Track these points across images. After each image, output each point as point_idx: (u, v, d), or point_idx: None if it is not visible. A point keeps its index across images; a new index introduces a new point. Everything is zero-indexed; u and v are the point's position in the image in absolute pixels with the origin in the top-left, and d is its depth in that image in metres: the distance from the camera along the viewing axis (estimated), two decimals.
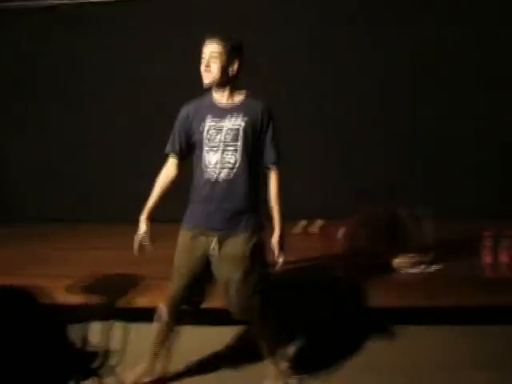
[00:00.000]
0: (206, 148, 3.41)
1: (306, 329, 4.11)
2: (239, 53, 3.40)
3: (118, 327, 3.06)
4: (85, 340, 2.75)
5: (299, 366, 3.79)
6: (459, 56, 5.88)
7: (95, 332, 2.77)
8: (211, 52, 3.35)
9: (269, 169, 3.50)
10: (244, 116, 3.40)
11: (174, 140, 3.58)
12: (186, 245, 3.52)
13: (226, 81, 3.38)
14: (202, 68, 3.38)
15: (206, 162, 3.42)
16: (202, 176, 3.44)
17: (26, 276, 4.27)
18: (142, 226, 3.63)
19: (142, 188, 6.24)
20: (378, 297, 4.00)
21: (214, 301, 3.69)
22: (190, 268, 3.51)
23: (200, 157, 3.45)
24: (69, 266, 4.68)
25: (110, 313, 2.98)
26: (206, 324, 4.06)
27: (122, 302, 3.06)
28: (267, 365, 3.73)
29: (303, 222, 5.51)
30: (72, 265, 4.72)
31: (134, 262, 4.66)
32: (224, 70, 3.35)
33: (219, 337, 4.09)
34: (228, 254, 3.43)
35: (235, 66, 3.38)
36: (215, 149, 3.39)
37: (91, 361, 2.86)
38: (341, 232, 5.14)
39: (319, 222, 5.49)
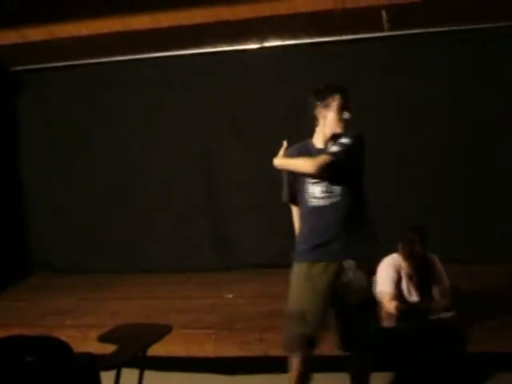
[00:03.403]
0: None
1: None
2: None
3: (147, 375, 3.25)
4: None
5: None
6: None
7: (124, 379, 2.95)
8: None
9: None
10: None
11: None
12: None
13: None
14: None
15: None
16: None
17: (55, 327, 4.41)
18: None
19: (164, 239, 6.53)
20: None
21: None
22: None
23: None
24: (97, 316, 4.81)
25: (135, 360, 3.13)
26: None
27: (147, 350, 3.16)
28: None
29: None
30: (100, 315, 4.85)
31: (161, 311, 4.85)
32: None
33: None
34: None
35: None
36: None
37: None
38: None
39: None
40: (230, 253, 6.47)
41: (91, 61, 6.40)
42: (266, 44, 6.26)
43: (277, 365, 3.87)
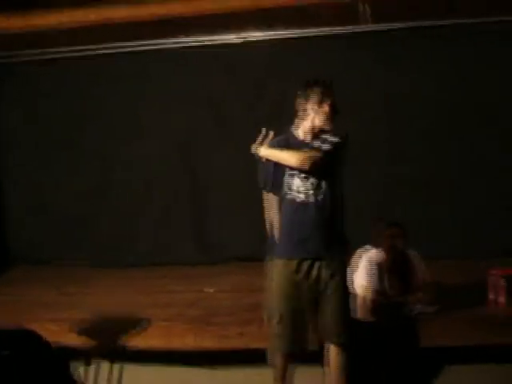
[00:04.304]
0: None
1: None
2: None
3: (127, 368, 3.24)
4: (94, 380, 2.90)
5: None
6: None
7: (101, 372, 2.94)
8: None
9: None
10: None
11: None
12: None
13: None
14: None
15: None
16: None
17: (34, 320, 4.35)
18: None
19: (146, 234, 6.52)
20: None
21: None
22: None
23: None
24: (76, 310, 4.74)
25: (114, 354, 3.12)
26: None
27: (127, 344, 3.15)
28: None
29: None
30: (80, 309, 4.79)
31: (142, 305, 4.83)
32: None
33: None
34: None
35: None
36: None
37: None
38: None
39: None
40: (211, 247, 6.48)
41: (72, 54, 6.36)
42: (249, 38, 6.24)
43: (257, 358, 3.88)
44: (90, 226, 6.66)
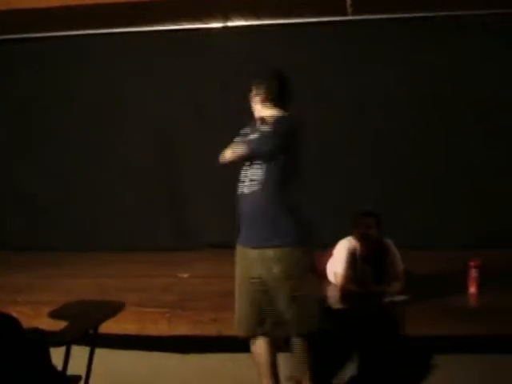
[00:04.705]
0: None
1: None
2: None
3: (99, 353, 3.22)
4: (65, 364, 2.87)
5: None
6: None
7: (75, 356, 2.92)
8: None
9: None
10: None
11: None
12: None
13: None
14: None
15: None
16: None
17: (7, 303, 4.33)
18: None
19: (121, 219, 6.50)
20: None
21: None
22: None
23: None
24: (50, 293, 4.74)
25: (86, 338, 3.10)
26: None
27: (100, 328, 3.13)
28: None
29: None
30: (53, 292, 4.79)
31: (115, 290, 4.82)
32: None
33: None
34: None
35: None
36: None
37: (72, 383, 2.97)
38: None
39: None
40: (186, 233, 6.49)
41: (49, 34, 6.30)
42: (230, 24, 6.21)
43: (231, 344, 3.90)
44: (68, 211, 6.62)
